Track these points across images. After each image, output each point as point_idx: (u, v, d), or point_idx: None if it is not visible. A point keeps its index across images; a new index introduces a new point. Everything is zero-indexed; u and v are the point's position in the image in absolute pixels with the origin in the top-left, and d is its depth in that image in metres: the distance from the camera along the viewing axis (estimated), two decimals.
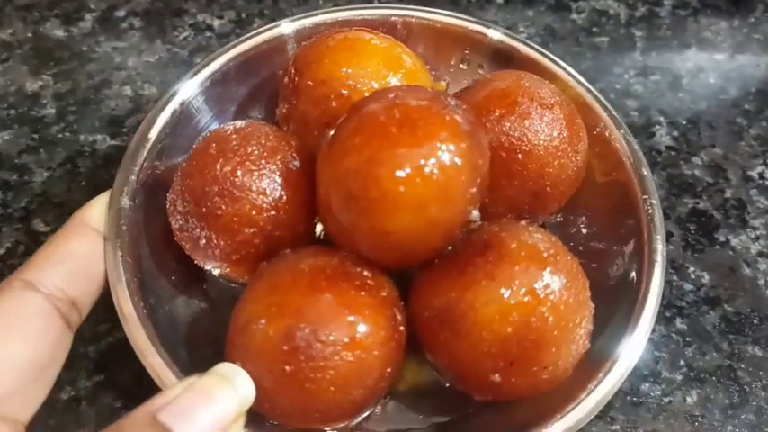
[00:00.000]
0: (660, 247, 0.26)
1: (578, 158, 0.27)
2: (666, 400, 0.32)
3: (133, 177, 0.26)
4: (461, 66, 0.33)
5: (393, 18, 0.32)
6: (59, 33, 0.48)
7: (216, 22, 0.50)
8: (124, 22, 0.49)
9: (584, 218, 0.30)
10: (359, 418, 0.24)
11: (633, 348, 0.25)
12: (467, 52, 0.33)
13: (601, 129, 0.30)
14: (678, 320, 0.35)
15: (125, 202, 0.26)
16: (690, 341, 0.34)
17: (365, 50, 0.27)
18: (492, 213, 0.25)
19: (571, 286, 0.23)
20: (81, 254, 0.24)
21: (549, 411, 0.23)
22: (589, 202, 0.30)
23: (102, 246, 0.24)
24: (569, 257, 0.24)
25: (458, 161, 0.21)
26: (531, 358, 0.22)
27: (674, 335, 0.35)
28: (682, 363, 0.34)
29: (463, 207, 0.23)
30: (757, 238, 0.39)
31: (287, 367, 0.21)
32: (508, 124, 0.26)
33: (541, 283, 0.22)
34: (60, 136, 0.41)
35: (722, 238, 0.39)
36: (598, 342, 0.25)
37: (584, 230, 0.28)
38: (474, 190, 0.22)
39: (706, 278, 0.37)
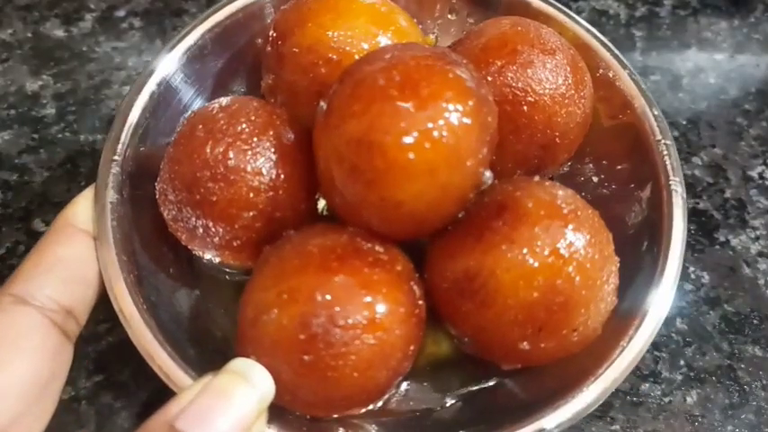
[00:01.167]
0: (680, 189, 0.25)
1: (585, 104, 0.26)
2: (666, 400, 0.32)
3: (117, 168, 0.24)
4: (449, 16, 0.31)
5: None
6: (59, 33, 0.48)
7: None
8: (124, 22, 0.49)
9: (592, 165, 0.28)
10: (383, 400, 0.23)
11: (662, 298, 0.23)
12: (453, 0, 0.31)
13: (604, 70, 0.28)
14: (678, 320, 0.35)
15: (111, 195, 0.24)
16: (690, 341, 0.34)
17: (350, 9, 0.25)
18: (501, 171, 0.24)
19: (595, 242, 0.21)
20: (71, 258, 0.22)
21: (581, 374, 0.22)
22: (598, 149, 0.28)
23: (93, 247, 0.23)
24: (590, 211, 0.22)
25: (466, 120, 0.20)
26: (560, 321, 0.21)
27: (674, 335, 0.35)
28: (682, 363, 0.34)
29: (475, 168, 0.21)
30: (757, 238, 0.39)
31: (306, 357, 0.19)
32: (510, 75, 0.24)
33: (564, 242, 0.21)
34: (60, 136, 0.41)
35: (722, 238, 0.39)
36: (625, 296, 0.23)
37: (594, 179, 0.27)
38: (485, 149, 0.21)
39: (706, 278, 0.37)
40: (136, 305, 0.22)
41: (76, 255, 0.22)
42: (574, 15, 0.30)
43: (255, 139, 0.23)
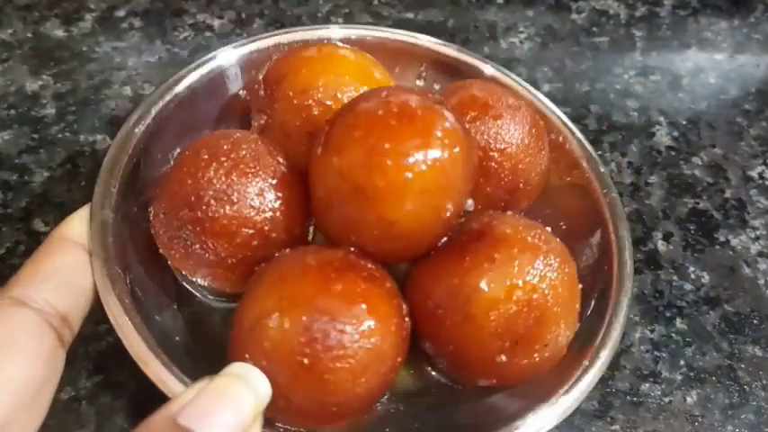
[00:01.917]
0: (626, 233, 0.29)
1: (544, 156, 0.29)
2: (666, 400, 0.32)
3: (113, 189, 0.26)
4: (417, 81, 0.35)
5: (353, 37, 0.34)
6: (59, 33, 0.48)
7: (216, 22, 0.50)
8: (124, 22, 0.49)
9: (547, 215, 0.31)
10: (368, 413, 0.24)
11: (615, 328, 0.26)
12: (422, 69, 0.35)
13: (555, 135, 0.32)
14: (678, 320, 0.35)
15: (107, 214, 0.25)
16: (690, 341, 0.34)
17: (339, 60, 0.29)
18: (472, 211, 0.27)
19: (565, 265, 0.24)
20: (67, 268, 0.23)
21: (547, 393, 0.24)
22: (552, 202, 0.32)
23: (87, 259, 0.24)
24: (558, 240, 0.25)
25: (456, 149, 0.22)
26: (535, 336, 0.23)
27: (674, 335, 0.35)
28: (682, 363, 0.34)
29: (462, 194, 0.24)
30: (757, 238, 0.39)
31: (305, 360, 0.20)
32: (482, 125, 0.28)
33: (539, 263, 0.23)
34: (60, 136, 0.41)
35: (722, 238, 0.39)
36: (582, 324, 0.26)
37: (549, 228, 0.29)
38: (469, 178, 0.24)
39: (706, 278, 0.37)
40: (129, 315, 0.23)
41: (72, 265, 0.23)
42: (525, 84, 0.34)
43: (256, 164, 0.25)
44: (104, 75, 0.45)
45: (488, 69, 0.34)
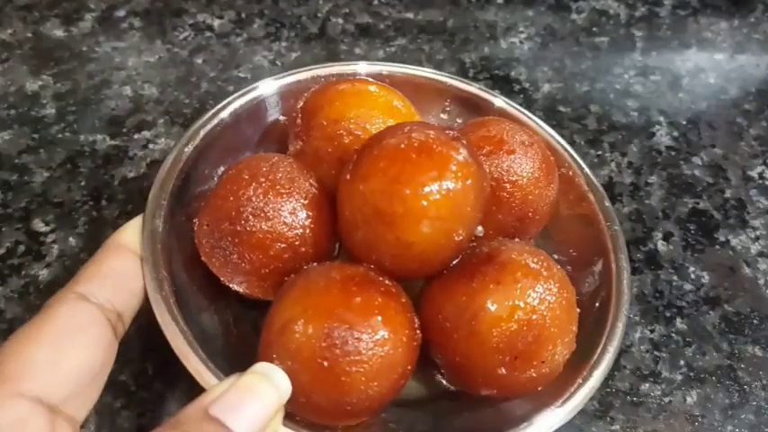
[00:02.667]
0: (625, 264, 0.31)
1: (553, 189, 0.32)
2: (666, 400, 0.32)
3: (163, 202, 0.29)
4: (442, 115, 0.39)
5: (385, 73, 0.38)
6: (59, 33, 0.48)
7: (216, 22, 0.50)
8: (124, 22, 0.49)
9: (554, 244, 0.34)
10: (380, 414, 0.26)
11: (610, 350, 0.28)
12: (447, 104, 0.38)
13: (565, 169, 0.35)
14: (678, 320, 0.35)
15: (157, 223, 0.28)
16: (690, 341, 0.35)
17: (370, 96, 0.32)
18: (485, 236, 0.30)
19: (563, 291, 0.26)
20: (121, 271, 0.26)
21: (542, 404, 0.27)
22: (559, 231, 0.35)
23: (138, 264, 0.27)
24: (559, 268, 0.28)
25: (468, 181, 0.25)
26: (533, 352, 0.25)
27: (674, 335, 0.35)
28: (682, 363, 0.34)
29: (472, 221, 0.26)
30: (757, 238, 0.39)
31: (325, 362, 0.23)
32: (496, 159, 0.30)
33: (540, 287, 0.26)
34: (60, 136, 0.41)
35: (722, 238, 0.39)
36: (580, 345, 0.28)
37: (555, 256, 0.32)
38: (480, 207, 0.26)
39: (706, 278, 0.37)
40: (171, 314, 0.26)
41: (126, 269, 0.26)
42: (542, 124, 0.36)
43: (291, 185, 0.28)
44: (104, 75, 0.45)
45: (506, 106, 0.38)
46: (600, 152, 0.43)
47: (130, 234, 0.27)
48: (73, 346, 0.23)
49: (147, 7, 0.50)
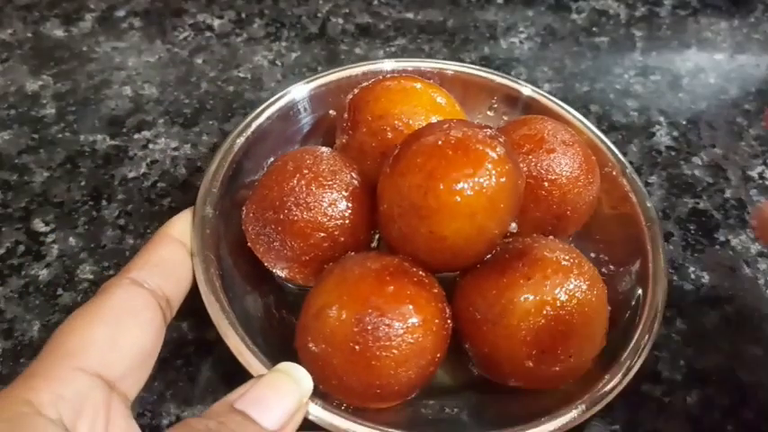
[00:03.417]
0: (663, 265, 0.31)
1: (593, 189, 0.32)
2: (666, 400, 0.32)
3: (214, 190, 0.31)
4: (488, 113, 0.39)
5: (429, 70, 0.39)
6: (59, 33, 0.48)
7: (216, 22, 0.50)
8: (124, 22, 0.49)
9: (594, 243, 0.34)
10: (409, 398, 0.27)
11: (641, 350, 0.29)
12: (494, 101, 0.39)
13: (609, 168, 0.35)
14: (678, 320, 0.35)
15: (207, 210, 0.30)
16: (690, 341, 0.34)
17: (414, 92, 0.33)
18: (521, 233, 0.30)
19: (593, 288, 0.27)
20: (170, 260, 0.27)
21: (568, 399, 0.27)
22: (599, 230, 0.35)
23: (186, 253, 0.28)
24: (591, 266, 0.28)
25: (503, 179, 0.26)
26: (559, 347, 0.26)
27: (674, 335, 0.35)
28: (682, 363, 0.34)
29: (505, 218, 0.27)
30: (757, 238, 0.39)
31: (357, 346, 0.24)
32: (536, 158, 0.31)
33: (569, 284, 0.26)
34: (60, 136, 0.41)
35: (722, 238, 0.39)
36: (612, 342, 0.28)
37: (592, 255, 0.33)
38: (513, 205, 0.27)
39: (706, 278, 0.37)
40: (214, 295, 0.27)
41: (175, 258, 0.28)
42: (589, 124, 0.37)
43: (333, 178, 0.29)
44: (104, 75, 0.45)
45: (553, 105, 0.38)
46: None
47: (180, 225, 0.29)
48: (128, 326, 0.24)
49: (146, 7, 0.50)
